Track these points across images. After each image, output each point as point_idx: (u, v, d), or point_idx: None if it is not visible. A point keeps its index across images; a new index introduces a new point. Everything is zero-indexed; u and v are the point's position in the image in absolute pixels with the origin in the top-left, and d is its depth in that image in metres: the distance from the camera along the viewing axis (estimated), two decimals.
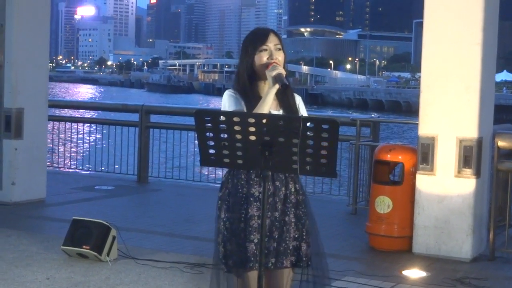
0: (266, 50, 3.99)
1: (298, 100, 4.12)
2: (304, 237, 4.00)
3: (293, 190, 4.02)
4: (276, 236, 3.95)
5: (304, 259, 3.99)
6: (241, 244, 3.91)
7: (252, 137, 3.35)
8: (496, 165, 7.32)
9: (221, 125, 3.36)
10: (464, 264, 7.01)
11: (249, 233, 3.90)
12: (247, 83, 4.01)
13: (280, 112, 4.00)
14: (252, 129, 3.33)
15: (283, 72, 3.89)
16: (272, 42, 4.00)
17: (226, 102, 3.98)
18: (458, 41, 7.14)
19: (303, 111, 4.12)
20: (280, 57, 4.00)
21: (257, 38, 4.03)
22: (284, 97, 4.03)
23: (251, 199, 3.92)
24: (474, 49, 7.08)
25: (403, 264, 6.89)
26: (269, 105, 3.86)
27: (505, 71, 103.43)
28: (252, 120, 3.31)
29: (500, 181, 7.58)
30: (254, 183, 3.93)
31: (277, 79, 3.85)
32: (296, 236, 3.99)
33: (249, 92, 3.98)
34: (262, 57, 3.98)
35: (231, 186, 3.97)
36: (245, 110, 3.92)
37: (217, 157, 3.44)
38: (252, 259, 3.89)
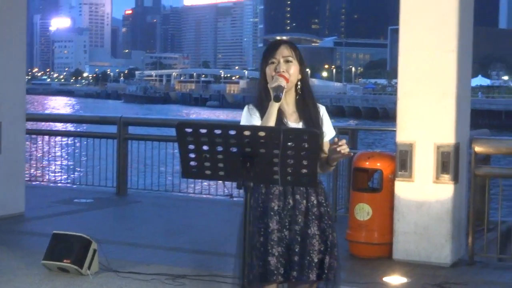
0: (274, 62, 4.02)
1: (322, 111, 4.14)
2: (329, 249, 3.98)
3: (315, 202, 4.01)
4: (297, 250, 3.94)
5: (326, 272, 3.96)
6: (260, 257, 3.92)
7: (233, 149, 3.37)
8: (473, 170, 7.38)
9: (203, 138, 3.37)
10: (444, 269, 7.06)
11: (271, 246, 3.91)
12: (263, 95, 4.03)
13: (300, 124, 4.03)
14: (233, 141, 3.35)
15: (283, 84, 3.90)
16: (281, 54, 4.02)
17: (243, 117, 4.05)
18: (433, 48, 7.20)
19: (326, 122, 4.13)
20: (291, 69, 4.01)
21: (267, 51, 4.08)
22: (305, 109, 4.06)
23: (271, 213, 3.94)
24: (450, 56, 7.15)
25: (383, 270, 6.93)
26: (272, 119, 3.88)
27: (480, 75, 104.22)
28: (233, 132, 3.32)
29: (478, 186, 7.64)
30: (274, 197, 3.95)
31: (272, 91, 3.88)
32: (322, 249, 3.97)
33: (266, 104, 3.98)
34: (271, 70, 4.01)
35: (253, 201, 3.97)
36: (260, 123, 3.96)
37: (199, 169, 3.44)
38: (275, 272, 3.90)
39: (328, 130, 4.14)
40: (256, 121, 3.99)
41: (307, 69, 4.21)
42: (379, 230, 7.48)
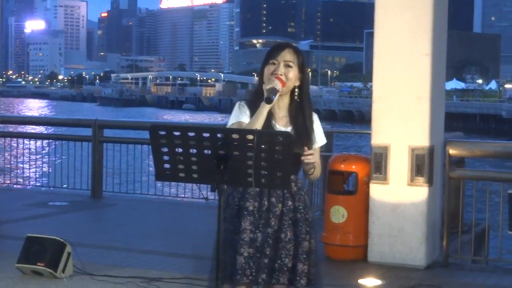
0: (274, 64, 4.01)
1: (314, 118, 4.13)
2: (300, 256, 3.96)
3: (292, 207, 4.00)
4: (268, 252, 3.93)
5: (298, 278, 3.94)
6: (232, 256, 3.92)
7: (207, 151, 3.37)
8: (448, 173, 7.43)
9: (176, 140, 3.36)
10: (419, 271, 7.09)
11: (240, 246, 3.90)
12: (259, 94, 4.02)
13: (289, 129, 4.02)
14: (207, 143, 3.34)
15: (277, 87, 3.90)
16: (283, 58, 4.02)
17: (233, 113, 4.04)
18: (408, 52, 7.24)
19: (317, 130, 4.13)
20: (290, 74, 4.00)
21: (271, 51, 4.07)
22: (298, 115, 4.05)
23: (245, 212, 3.94)
24: (424, 60, 7.19)
25: (358, 272, 6.94)
26: (261, 120, 3.88)
27: (454, 79, 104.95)
28: (206, 135, 3.32)
29: (452, 188, 7.69)
30: (250, 197, 3.94)
31: (265, 92, 3.88)
32: (295, 255, 3.96)
33: (258, 103, 3.97)
34: (269, 71, 4.01)
35: (231, 198, 3.99)
36: (249, 121, 3.95)
37: (173, 171, 3.44)
38: (240, 272, 3.88)
39: (318, 137, 4.14)
40: (245, 118, 3.98)
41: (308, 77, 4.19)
42: (354, 233, 7.50)
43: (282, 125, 4.02)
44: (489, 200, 7.67)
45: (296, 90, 4.05)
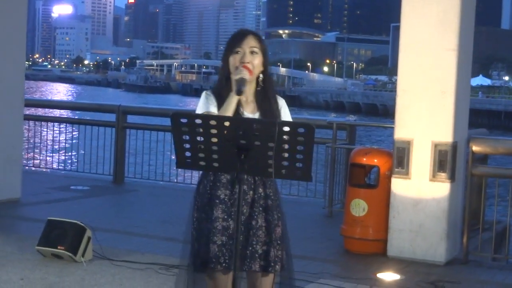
0: (239, 52, 3.97)
1: (281, 103, 4.10)
2: (274, 242, 3.95)
3: (263, 194, 3.98)
4: (241, 239, 3.93)
5: (272, 264, 3.94)
6: (205, 244, 3.92)
7: (228, 141, 3.36)
8: (470, 170, 7.38)
9: (197, 128, 3.36)
10: (438, 267, 7.06)
11: (213, 234, 3.89)
12: (224, 84, 3.99)
13: (256, 115, 3.98)
14: (228, 132, 3.33)
15: (247, 77, 3.86)
16: (247, 45, 3.97)
17: (200, 102, 3.99)
18: (434, 46, 7.19)
19: (285, 114, 4.08)
20: (256, 60, 3.96)
21: (233, 40, 4.03)
22: (264, 101, 4.02)
23: (217, 201, 3.92)
24: (450, 55, 7.14)
25: (377, 267, 6.93)
26: (230, 110, 3.83)
27: (481, 75, 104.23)
28: (228, 124, 3.31)
29: (474, 185, 7.64)
30: (221, 185, 3.93)
31: (235, 83, 3.85)
32: (267, 241, 3.95)
33: (224, 93, 3.94)
34: (235, 60, 3.97)
35: (202, 187, 3.99)
36: (217, 111, 3.92)
37: (193, 160, 3.44)
38: (214, 260, 3.88)
39: None
40: (213, 109, 3.93)
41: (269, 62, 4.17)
42: (374, 226, 7.47)
43: (250, 111, 3.99)
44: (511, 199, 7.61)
45: (260, 75, 4.01)
